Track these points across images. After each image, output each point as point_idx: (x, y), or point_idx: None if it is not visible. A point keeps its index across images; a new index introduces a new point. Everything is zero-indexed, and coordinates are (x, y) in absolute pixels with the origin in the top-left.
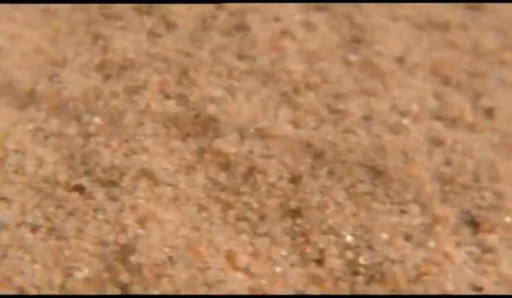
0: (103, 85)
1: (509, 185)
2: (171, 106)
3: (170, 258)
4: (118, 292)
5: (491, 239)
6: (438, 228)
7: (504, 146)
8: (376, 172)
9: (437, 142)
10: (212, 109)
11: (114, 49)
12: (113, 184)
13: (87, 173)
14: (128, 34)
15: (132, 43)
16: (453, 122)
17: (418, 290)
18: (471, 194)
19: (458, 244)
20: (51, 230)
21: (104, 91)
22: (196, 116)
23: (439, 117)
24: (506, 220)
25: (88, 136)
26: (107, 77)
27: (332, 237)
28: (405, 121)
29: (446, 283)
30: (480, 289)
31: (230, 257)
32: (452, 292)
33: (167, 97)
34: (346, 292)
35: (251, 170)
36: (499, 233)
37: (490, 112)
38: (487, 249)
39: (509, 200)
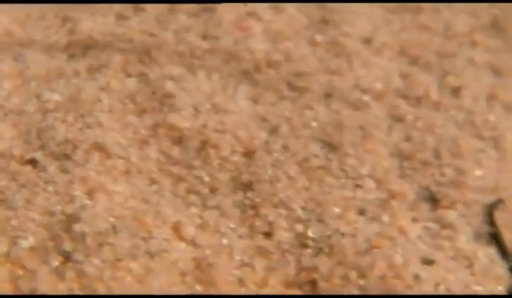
0: (66, 65)
1: (472, 161)
2: (131, 84)
3: (114, 227)
4: (61, 260)
5: (450, 215)
6: (394, 203)
7: (468, 124)
8: (332, 147)
9: (397, 119)
10: (170, 86)
11: (81, 31)
12: (66, 157)
13: (42, 147)
14: (97, 17)
15: (100, 25)
16: (417, 101)
17: (365, 262)
18: (431, 171)
19: (415, 219)
20: (2, 202)
21: (67, 70)
22: (154, 92)
23: (403, 96)
24: (467, 197)
25: (46, 112)
26: (71, 57)
27: (283, 211)
28: (366, 97)
29: (394, 255)
30: (431, 262)
31: (177, 228)
32: (401, 265)
33: (128, 75)
34: (293, 264)
35: (204, 144)
36: (459, 209)
37: (456, 92)
38: (445, 225)
39: (470, 177)
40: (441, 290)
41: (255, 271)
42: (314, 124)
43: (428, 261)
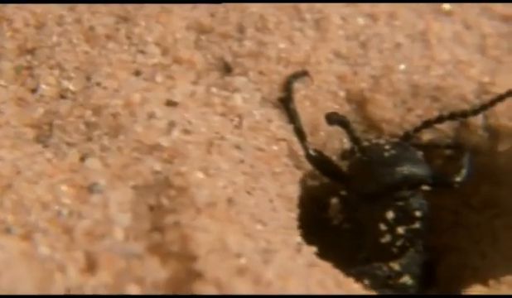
0: None
1: (279, 37)
2: None
3: None
4: None
5: (238, 81)
6: (177, 68)
7: (288, 7)
8: (125, 20)
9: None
10: None
11: None
12: None
13: None
14: None
15: None
16: None
17: (102, 102)
18: (230, 43)
19: (195, 83)
20: None
21: None
22: None
23: None
24: (264, 66)
25: None
26: None
27: (56, 71)
28: None
29: (133, 95)
30: (174, 104)
31: None
32: (137, 103)
33: None
34: (40, 110)
35: (0, 19)
36: (251, 77)
37: None
38: (230, 89)
39: (273, 49)
40: (177, 129)
41: (2, 115)
42: (114, 4)
43: (171, 103)
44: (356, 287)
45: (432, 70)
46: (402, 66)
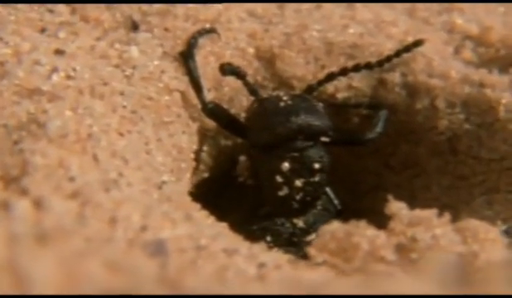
0: None
1: None
2: None
3: None
4: None
5: (142, 37)
6: (82, 26)
7: None
8: None
9: None
10: None
11: None
12: None
13: None
14: None
15: None
16: None
17: None
18: (140, 6)
19: (99, 39)
20: None
21: None
22: None
23: None
24: (170, 24)
25: None
26: None
27: None
28: None
29: (23, 45)
30: (62, 52)
31: None
32: (26, 52)
33: None
34: None
35: None
36: (156, 33)
37: None
38: (132, 44)
39: (181, 7)
40: (58, 75)
41: None
42: None
43: (59, 51)
44: (209, 222)
45: (350, 29)
46: (318, 25)
